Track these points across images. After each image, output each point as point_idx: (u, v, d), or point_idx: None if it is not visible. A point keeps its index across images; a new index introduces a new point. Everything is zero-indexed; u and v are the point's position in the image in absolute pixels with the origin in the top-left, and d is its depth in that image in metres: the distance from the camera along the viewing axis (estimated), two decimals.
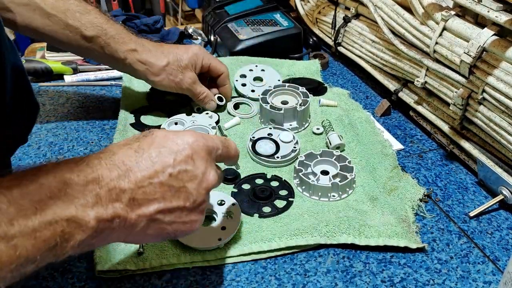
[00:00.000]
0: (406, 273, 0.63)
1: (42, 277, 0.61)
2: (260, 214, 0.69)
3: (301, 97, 0.89)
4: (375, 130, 0.88)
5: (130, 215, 0.45)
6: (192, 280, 0.61)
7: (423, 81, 0.87)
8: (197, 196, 0.49)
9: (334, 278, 0.62)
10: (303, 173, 0.74)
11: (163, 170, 0.47)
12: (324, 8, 1.20)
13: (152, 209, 0.46)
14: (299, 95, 0.90)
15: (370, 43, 1.02)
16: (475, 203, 0.75)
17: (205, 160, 0.50)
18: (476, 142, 0.81)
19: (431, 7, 0.82)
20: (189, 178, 0.48)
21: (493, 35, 0.72)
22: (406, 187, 0.75)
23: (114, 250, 0.63)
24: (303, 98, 0.89)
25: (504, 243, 0.68)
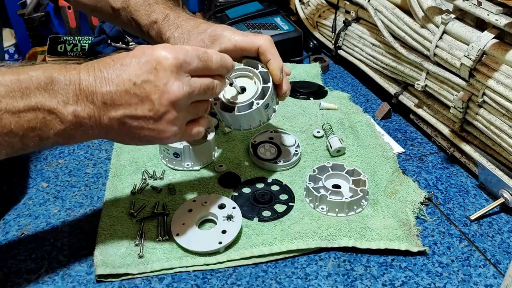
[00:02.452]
0: (407, 276, 0.63)
1: (42, 281, 0.61)
2: (260, 218, 0.69)
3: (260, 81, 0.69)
4: (375, 133, 0.88)
5: (102, 117, 0.52)
6: (193, 283, 0.61)
7: (423, 84, 0.87)
8: (159, 106, 0.52)
9: (335, 282, 0.62)
10: (313, 187, 0.71)
11: (129, 79, 0.51)
12: (324, 11, 1.20)
13: (119, 113, 0.52)
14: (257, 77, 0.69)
15: (370, 47, 1.03)
16: (476, 206, 0.75)
17: (169, 72, 0.52)
18: (477, 145, 0.81)
19: (431, 10, 0.82)
20: (151, 88, 0.51)
21: (493, 38, 0.72)
22: (407, 190, 0.75)
23: (115, 254, 0.63)
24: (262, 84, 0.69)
25: (505, 246, 0.68)
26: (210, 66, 0.56)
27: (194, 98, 0.55)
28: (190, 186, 0.75)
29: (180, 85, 0.52)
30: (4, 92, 0.46)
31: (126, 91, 0.51)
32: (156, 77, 0.51)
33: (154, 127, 0.53)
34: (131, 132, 0.54)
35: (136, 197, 0.73)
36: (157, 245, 0.65)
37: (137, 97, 0.51)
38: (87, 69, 0.51)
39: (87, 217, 0.71)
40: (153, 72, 0.51)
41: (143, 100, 0.52)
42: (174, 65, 0.52)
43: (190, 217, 0.67)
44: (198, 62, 0.55)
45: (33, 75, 0.48)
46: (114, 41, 1.11)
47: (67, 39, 1.12)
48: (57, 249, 0.66)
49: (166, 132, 0.54)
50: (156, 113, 0.52)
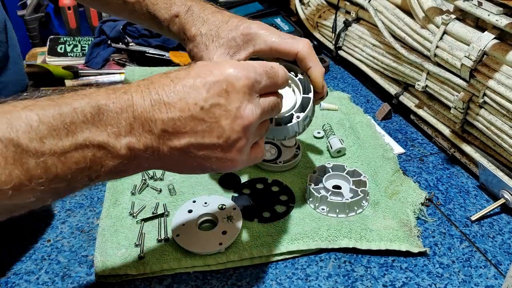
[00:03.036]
0: (408, 277, 0.63)
1: (42, 282, 0.61)
2: (260, 219, 0.69)
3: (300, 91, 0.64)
4: (376, 134, 0.88)
5: (162, 147, 0.45)
6: (193, 284, 0.61)
7: (423, 84, 0.87)
8: (230, 133, 0.46)
9: (335, 283, 0.62)
10: (314, 188, 0.71)
11: (195, 103, 0.44)
12: (325, 12, 1.20)
13: (183, 142, 0.45)
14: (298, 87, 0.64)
15: (371, 47, 1.02)
16: (477, 207, 0.75)
17: (242, 94, 0.46)
18: (477, 146, 0.81)
19: (432, 11, 0.82)
20: (222, 113, 0.45)
21: (494, 38, 0.72)
22: (408, 191, 0.75)
23: (115, 255, 0.62)
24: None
25: (506, 247, 0.68)
26: (277, 82, 0.51)
27: (262, 118, 0.50)
28: (191, 187, 0.75)
29: (253, 108, 0.47)
30: (46, 132, 0.39)
31: (192, 117, 0.44)
32: (227, 100, 0.45)
33: (222, 156, 0.47)
34: (194, 162, 0.47)
35: (136, 197, 0.73)
36: (157, 246, 0.65)
37: (205, 123, 0.45)
38: (141, 92, 0.44)
39: (88, 218, 0.71)
40: (223, 95, 0.45)
41: (212, 127, 0.45)
42: (247, 86, 0.46)
43: (190, 218, 0.67)
44: (267, 80, 0.49)
45: (78, 107, 0.41)
46: (114, 42, 1.11)
47: (67, 40, 1.13)
48: (57, 250, 0.66)
49: (234, 161, 0.48)
50: (226, 141, 0.46)
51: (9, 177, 0.37)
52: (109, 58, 1.10)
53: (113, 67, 1.09)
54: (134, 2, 0.70)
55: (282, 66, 0.52)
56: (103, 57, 1.08)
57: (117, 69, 1.08)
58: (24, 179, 0.37)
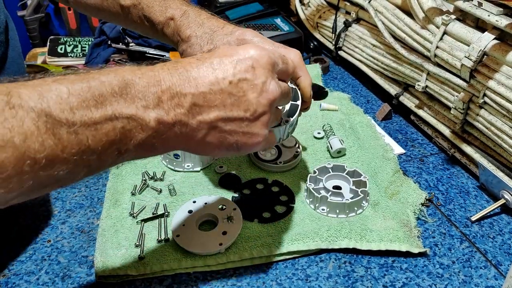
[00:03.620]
0: (408, 277, 0.63)
1: (42, 282, 0.61)
2: (261, 219, 0.69)
3: None
4: (376, 134, 0.88)
5: (191, 121, 0.46)
6: (193, 285, 0.61)
7: (424, 85, 0.87)
8: (257, 106, 0.48)
9: (335, 283, 0.62)
10: (314, 188, 0.71)
11: (224, 77, 0.46)
12: (325, 12, 1.20)
13: (212, 116, 0.46)
14: None
15: (371, 47, 1.02)
16: (477, 207, 0.75)
17: (266, 71, 0.49)
18: (478, 146, 0.81)
19: (432, 11, 0.82)
20: (249, 87, 0.47)
21: (494, 39, 0.72)
22: (408, 192, 0.75)
23: (115, 255, 0.62)
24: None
25: (506, 247, 0.68)
26: (288, 70, 0.54)
27: (279, 102, 0.52)
28: (191, 187, 0.75)
29: (276, 84, 0.49)
30: (76, 103, 0.39)
31: (222, 91, 0.46)
32: (253, 75, 0.48)
33: (247, 130, 0.49)
34: (221, 137, 0.48)
35: (136, 198, 0.73)
36: (157, 246, 0.65)
37: (234, 96, 0.47)
38: (167, 70, 0.45)
39: (87, 218, 0.71)
40: (249, 70, 0.47)
41: (240, 100, 0.47)
42: (270, 63, 0.49)
43: (190, 218, 0.67)
44: (282, 65, 0.52)
45: (105, 80, 0.41)
46: (114, 42, 1.11)
47: (67, 40, 1.13)
48: (57, 250, 0.66)
49: (258, 135, 0.50)
50: (253, 114, 0.48)
51: (42, 146, 0.37)
52: (109, 58, 1.10)
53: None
54: (129, 6, 0.71)
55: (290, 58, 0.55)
56: (103, 57, 1.08)
57: None
58: (56, 149, 0.38)
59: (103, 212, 0.71)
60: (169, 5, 0.69)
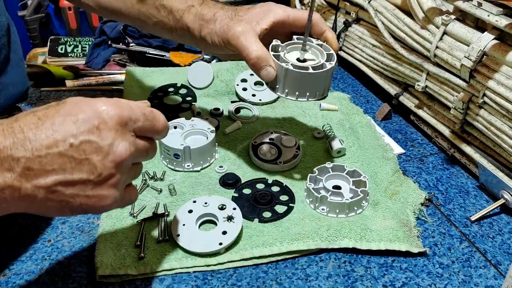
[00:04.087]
0: (408, 277, 0.63)
1: (43, 282, 0.61)
2: (261, 219, 0.69)
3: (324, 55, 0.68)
4: (376, 134, 0.88)
5: (24, 185, 0.43)
6: (193, 284, 0.61)
7: (423, 85, 0.87)
8: (102, 169, 0.45)
9: (335, 283, 0.62)
10: (314, 188, 0.71)
11: (64, 140, 0.43)
12: (325, 12, 1.20)
13: (49, 181, 0.43)
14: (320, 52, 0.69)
15: (371, 47, 1.03)
16: (477, 207, 0.75)
17: (114, 131, 0.45)
18: (477, 146, 0.81)
19: (432, 11, 0.82)
20: (93, 149, 0.44)
21: (494, 39, 0.72)
22: (407, 191, 0.75)
23: (116, 255, 0.63)
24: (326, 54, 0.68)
25: (505, 247, 0.68)
26: (156, 126, 0.50)
27: (136, 159, 0.49)
28: (191, 187, 0.75)
29: (126, 145, 0.46)
30: None
31: (60, 154, 0.43)
32: (98, 137, 0.44)
33: (93, 193, 0.46)
34: (62, 201, 0.45)
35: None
36: (158, 246, 0.65)
37: (74, 160, 0.44)
38: (2, 131, 0.42)
39: (88, 218, 0.71)
40: (94, 131, 0.44)
41: (82, 163, 0.44)
42: (119, 123, 0.46)
43: (190, 218, 0.67)
44: (144, 121, 0.49)
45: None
46: (114, 42, 1.11)
47: (67, 40, 1.13)
48: (57, 250, 0.66)
49: (107, 198, 0.47)
50: (98, 177, 0.45)
51: None
52: (109, 58, 1.10)
53: (114, 67, 1.09)
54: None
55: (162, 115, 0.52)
56: (103, 57, 1.08)
57: (117, 69, 1.08)
58: None
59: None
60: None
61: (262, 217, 0.70)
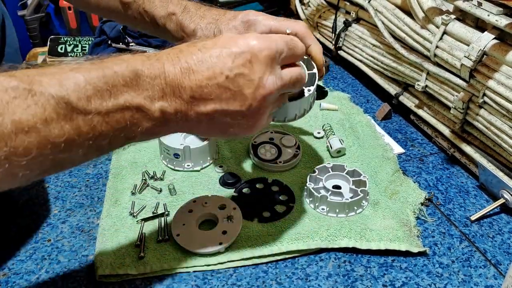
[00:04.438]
0: (408, 277, 0.63)
1: (43, 281, 0.61)
2: (261, 219, 0.69)
3: None
4: (376, 134, 0.88)
5: (190, 112, 0.48)
6: (193, 284, 0.61)
7: (423, 85, 0.87)
8: (252, 101, 0.49)
9: (335, 282, 0.62)
10: (314, 188, 0.71)
11: (221, 72, 0.47)
12: (325, 12, 1.20)
13: (209, 108, 0.48)
14: None
15: (371, 47, 1.03)
16: (476, 207, 0.75)
17: (264, 65, 0.49)
18: (477, 146, 0.81)
19: (432, 11, 0.82)
20: (246, 82, 0.48)
21: (494, 39, 0.72)
22: (407, 191, 0.75)
23: (116, 254, 0.63)
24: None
25: (505, 247, 0.68)
26: (297, 53, 0.53)
27: (283, 90, 0.53)
28: (191, 187, 0.75)
29: (274, 79, 0.50)
30: (92, 92, 0.42)
31: (218, 85, 0.48)
32: (250, 70, 0.48)
33: (244, 122, 0.51)
34: (219, 126, 0.51)
35: (136, 197, 0.73)
36: (158, 246, 0.65)
37: (230, 91, 0.48)
38: (172, 60, 0.47)
39: (88, 217, 0.71)
40: (247, 65, 0.48)
41: (236, 95, 0.48)
42: (269, 57, 0.49)
43: (190, 217, 0.67)
44: (288, 51, 0.52)
45: (118, 71, 0.44)
46: (114, 42, 1.11)
47: (67, 40, 1.13)
48: (57, 250, 0.66)
49: (254, 127, 0.52)
50: (248, 108, 0.49)
51: (61, 131, 0.40)
52: None
53: None
54: (130, 1, 0.72)
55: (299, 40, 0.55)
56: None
57: None
58: (73, 134, 0.41)
59: (103, 211, 0.71)
60: (170, 0, 0.70)
61: (262, 216, 0.70)
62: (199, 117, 0.49)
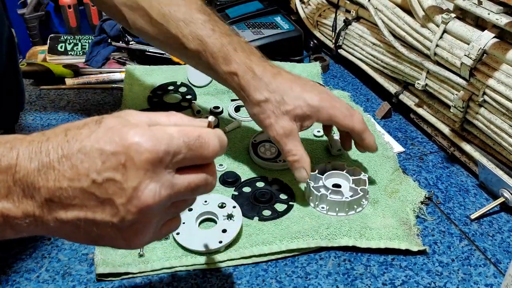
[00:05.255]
0: (407, 275, 0.63)
1: (43, 280, 0.61)
2: (261, 217, 0.69)
3: None
4: (375, 133, 0.88)
5: (46, 217, 0.39)
6: (193, 283, 0.61)
7: (423, 83, 0.87)
8: (125, 214, 0.39)
9: (335, 281, 0.62)
10: (314, 186, 0.71)
11: (87, 174, 0.38)
12: (325, 11, 1.20)
13: (70, 216, 0.39)
14: None
15: (371, 46, 1.02)
16: (476, 206, 0.75)
17: (143, 171, 0.38)
18: (477, 145, 0.81)
19: (432, 9, 0.82)
20: (116, 190, 0.38)
21: (494, 37, 0.72)
22: (407, 190, 0.75)
23: (115, 253, 0.63)
24: None
25: (505, 245, 0.68)
26: (205, 155, 0.42)
27: (176, 199, 0.42)
28: None
29: (156, 188, 0.39)
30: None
31: (82, 189, 0.38)
32: (123, 176, 0.38)
33: (118, 236, 0.41)
34: (85, 236, 0.41)
35: None
36: (157, 244, 0.65)
37: (96, 198, 0.39)
38: (30, 151, 0.38)
39: None
40: (119, 169, 0.38)
41: (104, 203, 0.39)
42: (150, 161, 0.38)
43: (190, 216, 0.67)
44: (187, 152, 0.41)
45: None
46: (114, 41, 1.11)
47: (67, 38, 1.13)
48: (57, 248, 0.66)
49: (132, 242, 0.42)
50: (121, 221, 0.39)
51: None
52: (109, 56, 1.10)
53: (114, 65, 1.09)
54: (194, 51, 0.69)
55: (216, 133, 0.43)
56: (103, 55, 1.08)
57: (117, 67, 1.08)
58: None
59: None
60: (233, 59, 0.68)
61: (262, 215, 0.70)
62: (59, 224, 0.40)
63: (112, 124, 0.40)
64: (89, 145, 0.38)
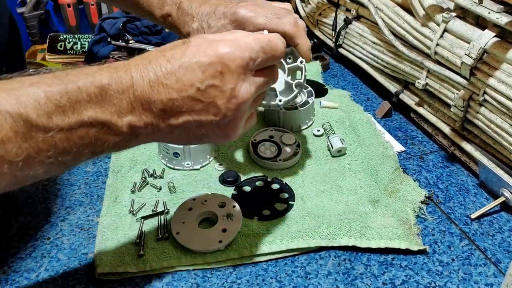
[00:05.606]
0: (408, 275, 0.63)
1: (42, 279, 0.61)
2: (260, 217, 0.69)
3: None
4: (376, 132, 0.88)
5: (161, 124, 0.47)
6: (193, 282, 0.61)
7: (424, 82, 0.87)
8: (226, 111, 0.48)
9: (335, 281, 0.62)
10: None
11: (191, 84, 0.46)
12: (325, 10, 1.20)
13: (181, 121, 0.47)
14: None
15: (371, 45, 1.02)
16: (477, 205, 0.75)
17: (236, 75, 0.47)
18: (477, 144, 0.81)
19: (432, 8, 0.82)
20: (218, 93, 0.47)
21: (494, 36, 0.72)
22: (407, 189, 0.75)
23: (115, 252, 0.63)
24: None
25: (505, 245, 0.68)
26: (275, 56, 0.51)
27: (257, 94, 0.51)
28: (190, 185, 0.75)
29: (248, 86, 0.48)
30: (53, 109, 0.40)
31: (189, 97, 0.46)
32: (222, 81, 0.46)
33: (219, 132, 0.50)
34: (193, 137, 0.50)
35: (136, 195, 0.73)
36: (157, 244, 0.65)
37: (202, 103, 0.47)
38: (140, 72, 0.45)
39: (87, 215, 0.71)
40: (218, 76, 0.46)
41: (209, 106, 0.47)
42: (241, 66, 0.47)
43: (190, 215, 0.67)
44: (263, 56, 0.50)
45: (82, 86, 0.42)
46: (114, 39, 1.11)
47: (67, 37, 1.12)
48: (57, 248, 0.66)
49: (231, 135, 0.51)
50: (223, 119, 0.48)
51: (19, 150, 0.39)
52: (109, 55, 1.10)
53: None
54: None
55: (279, 36, 0.53)
56: (103, 54, 1.08)
57: None
58: (33, 152, 0.39)
59: (102, 209, 0.71)
60: (165, 1, 0.69)
61: (261, 215, 0.70)
62: (172, 129, 0.48)
63: (199, 42, 0.47)
64: (187, 61, 0.46)
